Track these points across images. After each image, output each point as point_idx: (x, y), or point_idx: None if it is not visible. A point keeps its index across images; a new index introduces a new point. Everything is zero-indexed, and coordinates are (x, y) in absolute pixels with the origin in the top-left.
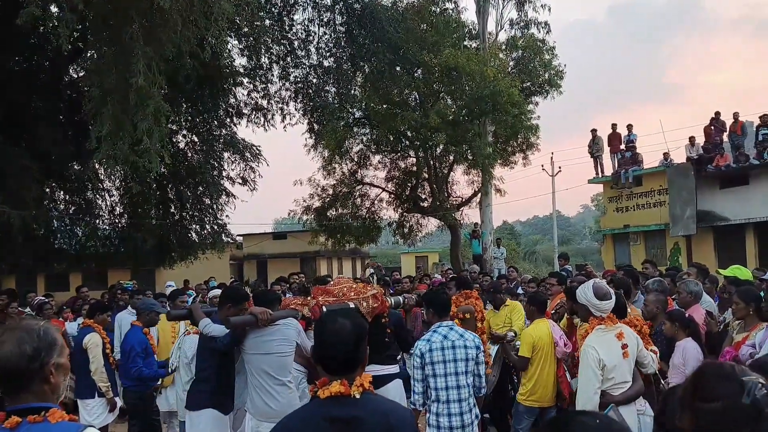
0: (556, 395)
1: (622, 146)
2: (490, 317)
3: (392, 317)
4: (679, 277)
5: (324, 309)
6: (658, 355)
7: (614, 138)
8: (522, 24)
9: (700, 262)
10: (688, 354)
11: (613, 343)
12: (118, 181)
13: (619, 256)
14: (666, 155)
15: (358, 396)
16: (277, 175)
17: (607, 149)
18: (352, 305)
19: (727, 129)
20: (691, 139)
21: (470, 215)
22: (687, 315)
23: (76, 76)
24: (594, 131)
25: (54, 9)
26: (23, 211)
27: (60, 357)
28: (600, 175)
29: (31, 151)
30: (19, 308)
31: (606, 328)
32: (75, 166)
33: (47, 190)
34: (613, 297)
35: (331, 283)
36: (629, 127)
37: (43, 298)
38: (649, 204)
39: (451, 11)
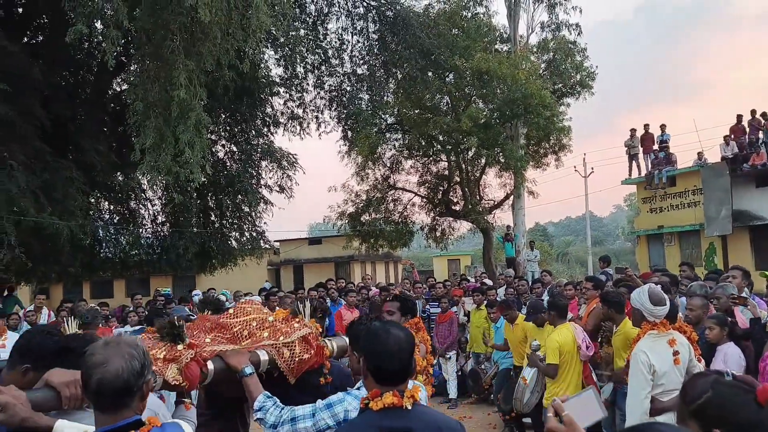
0: None
1: (656, 146)
2: (534, 335)
3: (335, 374)
4: (722, 280)
5: (210, 366)
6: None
7: (647, 138)
8: (553, 26)
9: (736, 262)
10: (729, 359)
11: (664, 349)
12: (160, 190)
13: (654, 256)
14: (700, 155)
15: (410, 407)
16: (311, 181)
17: (641, 150)
18: (263, 355)
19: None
20: (726, 138)
21: (502, 218)
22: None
23: (119, 90)
24: (633, 130)
25: (99, 25)
26: (70, 221)
27: (151, 374)
28: (638, 174)
29: (77, 162)
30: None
31: (658, 334)
32: (119, 177)
33: (93, 200)
34: (668, 303)
35: (230, 311)
36: (662, 127)
37: (89, 305)
38: (684, 204)
39: (482, 16)
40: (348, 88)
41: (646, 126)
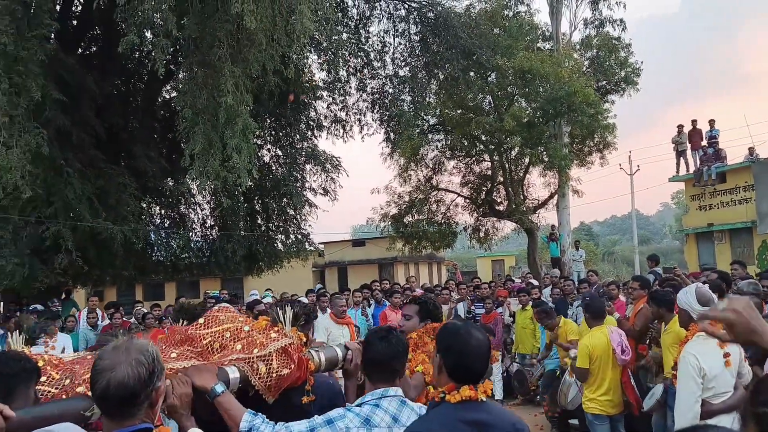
0: (625, 403)
1: (704, 142)
2: (576, 336)
3: (322, 391)
4: None
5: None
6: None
7: (695, 134)
8: (596, 23)
9: None
10: None
11: (714, 352)
12: (208, 195)
13: (703, 255)
14: (751, 150)
15: (484, 399)
16: (354, 183)
17: (688, 146)
18: (233, 372)
19: None
20: None
21: (547, 217)
22: None
23: (168, 97)
24: (680, 126)
25: (149, 35)
26: (124, 226)
27: (163, 381)
28: (686, 171)
29: (130, 169)
30: (124, 319)
31: (707, 336)
32: (169, 182)
33: (144, 205)
34: (716, 303)
35: (200, 321)
36: (711, 122)
37: (144, 308)
38: (734, 201)
39: (523, 14)
40: (390, 90)
41: (694, 122)
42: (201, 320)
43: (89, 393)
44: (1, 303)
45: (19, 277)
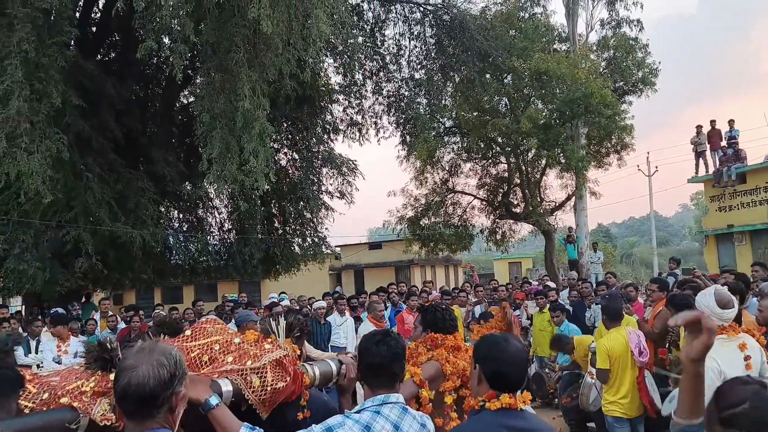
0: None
1: (723, 143)
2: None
3: (316, 406)
4: None
5: None
6: None
7: (714, 135)
8: (613, 23)
9: None
10: None
11: (735, 354)
12: (226, 199)
13: (723, 257)
14: None
15: (524, 408)
16: (370, 186)
17: (707, 147)
18: (225, 385)
19: None
20: None
21: (564, 219)
22: None
23: (186, 102)
24: (699, 127)
25: (166, 41)
26: (142, 230)
27: (185, 387)
28: (705, 172)
29: (148, 173)
30: (143, 322)
31: (728, 338)
32: (187, 186)
33: (163, 209)
34: (736, 306)
35: (187, 333)
36: (731, 122)
37: (162, 311)
38: (755, 202)
39: (539, 16)
40: (406, 93)
41: (713, 122)
42: (188, 332)
43: (74, 404)
44: (24, 306)
45: (41, 280)
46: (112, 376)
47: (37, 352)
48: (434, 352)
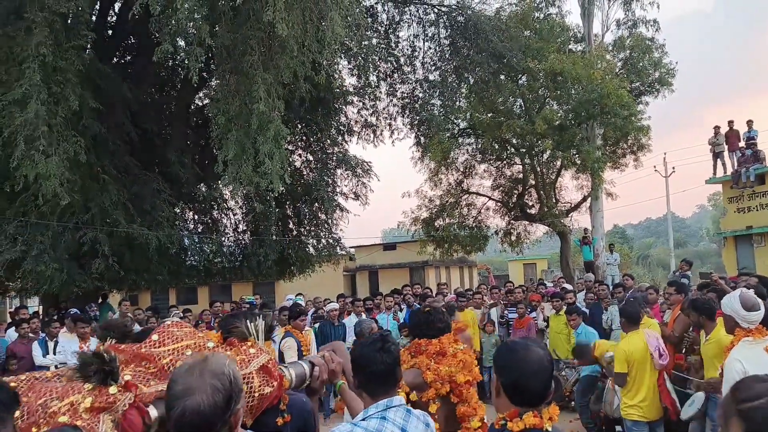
0: (663, 408)
1: (742, 143)
2: (608, 345)
3: (295, 410)
4: None
5: (153, 413)
6: None
7: (732, 135)
8: (629, 23)
9: None
10: None
11: (761, 357)
12: (241, 200)
13: (742, 258)
14: None
15: (550, 429)
16: (385, 188)
17: (725, 147)
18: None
19: None
20: None
21: (580, 220)
22: None
23: (201, 104)
24: (717, 128)
25: (182, 43)
26: (158, 231)
27: (242, 403)
28: (723, 173)
29: (164, 175)
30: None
31: (754, 341)
32: (202, 188)
33: (178, 211)
34: (762, 308)
35: (154, 338)
36: (749, 123)
37: (178, 311)
38: None
39: (554, 16)
40: (420, 95)
41: (731, 123)
42: (154, 336)
43: (77, 423)
44: (41, 307)
45: (58, 281)
46: (111, 390)
47: (55, 353)
48: (416, 359)
